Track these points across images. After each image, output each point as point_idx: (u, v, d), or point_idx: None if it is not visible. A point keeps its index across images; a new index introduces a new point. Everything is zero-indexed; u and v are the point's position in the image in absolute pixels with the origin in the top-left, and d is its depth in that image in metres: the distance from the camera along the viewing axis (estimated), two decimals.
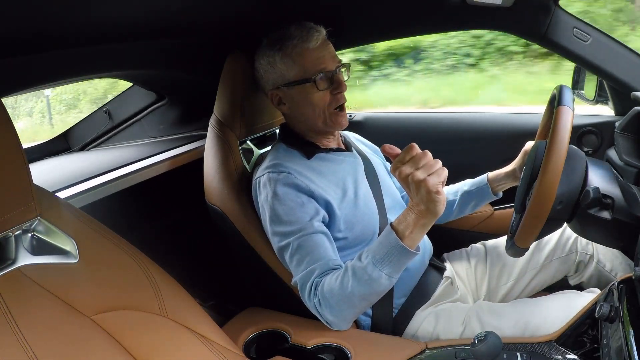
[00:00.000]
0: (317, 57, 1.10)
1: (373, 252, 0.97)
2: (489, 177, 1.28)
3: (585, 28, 1.28)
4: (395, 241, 0.94)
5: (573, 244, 1.24)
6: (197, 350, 0.83)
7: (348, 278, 0.98)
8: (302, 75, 1.10)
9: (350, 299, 0.98)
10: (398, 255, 0.95)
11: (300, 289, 1.05)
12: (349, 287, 0.97)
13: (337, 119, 1.13)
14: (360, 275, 0.97)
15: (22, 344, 0.68)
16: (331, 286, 0.99)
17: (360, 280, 0.97)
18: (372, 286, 0.97)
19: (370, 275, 0.96)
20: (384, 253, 0.96)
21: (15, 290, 0.72)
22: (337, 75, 1.12)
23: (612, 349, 0.71)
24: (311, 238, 1.04)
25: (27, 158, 0.72)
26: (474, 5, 1.24)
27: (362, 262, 0.98)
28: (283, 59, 1.11)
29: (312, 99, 1.11)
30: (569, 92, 0.93)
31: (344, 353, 0.99)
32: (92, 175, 1.29)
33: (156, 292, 0.84)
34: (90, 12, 0.89)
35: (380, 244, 0.97)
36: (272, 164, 1.12)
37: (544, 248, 1.25)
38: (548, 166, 0.85)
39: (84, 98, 5.48)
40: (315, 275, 1.02)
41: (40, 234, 0.79)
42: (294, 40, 1.09)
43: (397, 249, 0.94)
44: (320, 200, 1.09)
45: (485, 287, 1.28)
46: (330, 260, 1.04)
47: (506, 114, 1.77)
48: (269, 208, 1.08)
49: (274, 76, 1.14)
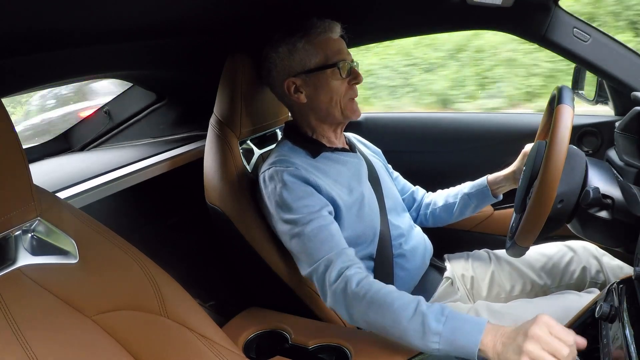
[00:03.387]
0: (339, 47, 1.14)
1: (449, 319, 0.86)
2: (488, 180, 1.28)
3: (585, 28, 1.28)
4: (478, 329, 0.83)
5: (581, 272, 1.22)
6: (197, 350, 0.83)
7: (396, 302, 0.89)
8: (325, 62, 1.12)
9: (383, 313, 0.90)
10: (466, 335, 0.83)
11: (318, 275, 1.00)
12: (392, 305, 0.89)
13: (352, 107, 1.16)
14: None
15: (22, 344, 0.68)
16: (374, 288, 0.92)
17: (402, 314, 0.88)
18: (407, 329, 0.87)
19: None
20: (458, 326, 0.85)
21: (15, 290, 0.72)
22: (354, 67, 1.15)
23: (612, 349, 0.71)
24: (325, 227, 1.03)
25: (27, 158, 0.72)
26: (474, 5, 1.24)
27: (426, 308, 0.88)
28: (305, 46, 1.12)
29: (332, 86, 1.12)
30: (569, 92, 0.93)
31: (344, 353, 0.99)
32: (92, 175, 1.29)
33: (156, 292, 0.84)
34: (90, 12, 0.89)
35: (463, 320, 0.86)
36: (278, 159, 1.12)
37: (554, 276, 1.24)
38: (549, 163, 0.85)
39: None
40: (341, 262, 0.98)
41: (40, 234, 0.79)
42: (317, 29, 1.12)
43: (473, 332, 0.83)
44: (326, 197, 1.09)
45: (486, 287, 1.27)
46: (347, 248, 1.02)
47: (506, 114, 1.77)
48: (278, 197, 1.06)
49: (293, 64, 1.14)
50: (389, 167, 1.41)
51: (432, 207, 1.37)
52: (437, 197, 1.38)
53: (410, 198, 1.41)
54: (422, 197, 1.41)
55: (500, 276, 1.27)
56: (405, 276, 1.17)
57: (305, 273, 1.04)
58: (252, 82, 1.23)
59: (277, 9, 1.22)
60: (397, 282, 1.14)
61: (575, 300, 1.03)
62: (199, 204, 1.25)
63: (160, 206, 1.67)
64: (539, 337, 0.77)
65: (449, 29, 1.48)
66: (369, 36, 1.57)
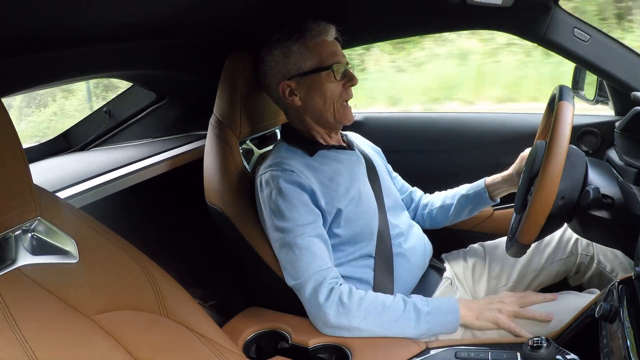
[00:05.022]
0: (333, 50, 1.15)
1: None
2: (486, 182, 1.28)
3: (585, 28, 1.28)
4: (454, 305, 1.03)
5: (574, 245, 1.23)
6: (197, 350, 0.83)
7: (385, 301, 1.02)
8: (319, 64, 1.12)
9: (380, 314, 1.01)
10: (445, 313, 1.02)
11: (310, 289, 1.02)
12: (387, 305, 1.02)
13: (345, 112, 1.17)
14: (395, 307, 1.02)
15: (22, 344, 0.68)
16: (365, 296, 1.02)
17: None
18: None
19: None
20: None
21: (15, 290, 0.72)
22: (349, 69, 1.16)
23: (612, 349, 0.71)
24: (315, 242, 1.05)
25: (27, 158, 0.72)
26: (474, 5, 1.24)
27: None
28: (300, 49, 1.13)
29: (325, 88, 1.13)
30: (569, 91, 0.94)
31: (344, 353, 0.99)
32: (92, 175, 1.29)
33: (156, 292, 0.84)
34: (91, 12, 0.89)
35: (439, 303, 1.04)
36: (275, 162, 1.12)
37: (544, 250, 1.25)
38: (551, 158, 0.85)
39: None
40: (330, 278, 1.03)
41: (40, 234, 0.79)
42: (312, 31, 1.13)
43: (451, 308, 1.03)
44: (323, 198, 1.09)
45: (484, 288, 1.27)
46: (332, 267, 1.06)
47: (506, 114, 1.77)
48: (272, 203, 1.08)
49: (288, 66, 1.15)
50: (389, 166, 1.41)
51: (429, 208, 1.37)
52: (435, 199, 1.38)
53: (408, 198, 1.41)
54: (420, 198, 1.41)
55: (496, 267, 1.28)
56: (406, 275, 1.17)
57: (292, 284, 1.07)
58: (252, 83, 1.23)
59: (277, 9, 1.22)
60: (398, 281, 1.14)
61: (576, 300, 1.03)
62: (199, 204, 1.25)
63: (160, 206, 1.67)
64: (508, 296, 1.04)
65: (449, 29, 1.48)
66: (369, 36, 1.57)
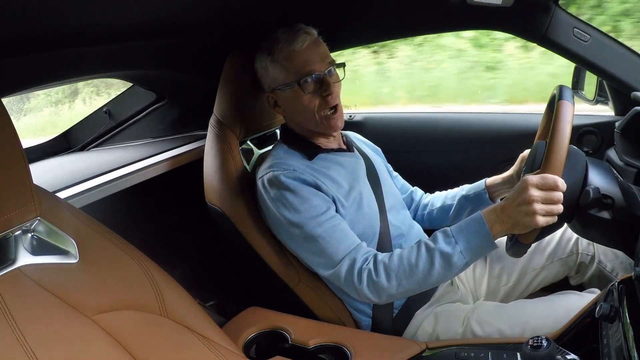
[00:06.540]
0: (304, 59, 1.09)
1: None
2: (486, 183, 1.27)
3: (585, 28, 1.28)
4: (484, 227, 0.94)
5: (574, 245, 1.23)
6: (197, 350, 0.83)
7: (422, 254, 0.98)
8: (290, 79, 1.10)
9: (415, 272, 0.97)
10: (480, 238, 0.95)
11: (344, 275, 1.02)
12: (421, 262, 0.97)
13: (329, 122, 1.12)
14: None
15: (22, 344, 0.68)
16: (393, 264, 0.99)
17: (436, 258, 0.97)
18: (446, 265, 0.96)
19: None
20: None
21: (15, 290, 0.72)
22: (326, 77, 1.10)
23: (612, 349, 0.71)
24: (337, 226, 1.05)
25: (27, 158, 0.72)
26: (474, 5, 1.24)
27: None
28: (272, 64, 1.12)
29: (300, 102, 1.10)
30: (569, 90, 0.94)
31: (344, 353, 0.99)
32: (92, 175, 1.29)
33: (156, 292, 0.84)
34: (91, 13, 0.89)
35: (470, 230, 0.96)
36: (275, 163, 1.12)
37: (544, 249, 1.25)
38: (551, 156, 0.85)
39: None
40: (360, 257, 1.02)
41: (40, 234, 0.79)
42: (280, 44, 1.09)
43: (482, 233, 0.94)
44: (328, 190, 1.09)
45: (485, 287, 1.27)
46: (360, 242, 1.05)
47: (506, 115, 1.77)
48: (283, 200, 1.06)
49: (268, 80, 1.15)
50: (389, 166, 1.41)
51: (430, 209, 1.37)
52: (435, 199, 1.37)
53: (409, 198, 1.41)
54: (421, 198, 1.41)
55: (497, 266, 1.27)
56: None
57: (327, 274, 1.05)
58: (251, 83, 1.23)
59: (277, 9, 1.22)
60: None
61: (576, 300, 1.03)
62: (199, 204, 1.25)
63: (160, 206, 1.67)
64: (535, 197, 0.87)
65: (449, 29, 1.48)
66: (369, 36, 1.57)
